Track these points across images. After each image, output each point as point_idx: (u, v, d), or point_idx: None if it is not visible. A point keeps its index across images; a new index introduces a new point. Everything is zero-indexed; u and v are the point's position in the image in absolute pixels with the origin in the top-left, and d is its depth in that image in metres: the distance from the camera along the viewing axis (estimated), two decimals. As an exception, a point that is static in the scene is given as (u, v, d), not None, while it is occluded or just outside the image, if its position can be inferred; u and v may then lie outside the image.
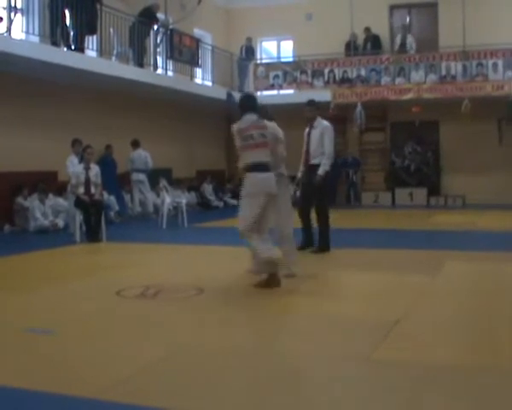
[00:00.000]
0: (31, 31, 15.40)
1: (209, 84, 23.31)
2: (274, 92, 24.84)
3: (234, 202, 23.93)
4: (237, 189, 24.22)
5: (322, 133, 11.12)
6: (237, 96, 23.19)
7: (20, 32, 15.29)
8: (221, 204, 23.33)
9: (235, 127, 8.21)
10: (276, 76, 24.57)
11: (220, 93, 22.73)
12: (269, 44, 27.57)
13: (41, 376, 4.88)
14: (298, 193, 11.28)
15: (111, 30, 17.68)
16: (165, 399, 4.35)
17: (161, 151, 20.31)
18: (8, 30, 14.45)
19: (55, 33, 15.59)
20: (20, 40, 14.93)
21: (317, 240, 11.22)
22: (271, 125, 8.56)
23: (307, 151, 11.28)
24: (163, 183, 17.90)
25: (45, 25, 15.69)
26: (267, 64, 25.55)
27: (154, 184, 18.70)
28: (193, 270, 9.76)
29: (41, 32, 15.70)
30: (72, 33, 16.08)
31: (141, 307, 7.26)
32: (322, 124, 11.26)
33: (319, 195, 11.16)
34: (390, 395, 4.43)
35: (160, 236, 14.62)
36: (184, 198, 17.94)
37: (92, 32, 16.76)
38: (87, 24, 16.31)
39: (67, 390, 4.50)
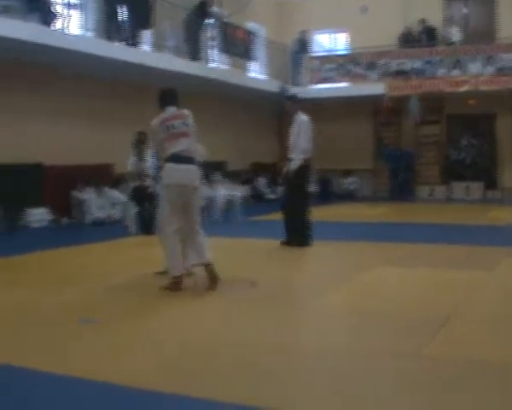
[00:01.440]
0: (87, 26, 15.61)
1: (262, 77, 23.32)
2: (327, 85, 24.74)
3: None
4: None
5: (298, 128, 11.11)
6: (291, 89, 23.27)
7: (77, 27, 15.50)
8: (275, 197, 23.32)
9: (154, 121, 8.01)
10: (330, 69, 24.47)
11: (273, 86, 22.72)
12: (323, 37, 27.45)
13: (77, 362, 5.01)
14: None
15: (165, 24, 17.78)
16: (207, 389, 4.39)
17: (215, 144, 20.34)
18: (65, 26, 14.67)
19: (110, 28, 15.77)
20: (77, 36, 15.13)
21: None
22: (189, 113, 8.33)
23: (287, 145, 11.31)
24: (217, 176, 17.99)
25: (101, 20, 15.89)
26: (321, 57, 25.46)
27: (208, 178, 18.76)
28: (246, 263, 9.77)
29: (96, 27, 15.90)
30: (127, 28, 16.24)
31: (190, 299, 7.31)
32: (300, 119, 11.21)
33: (293, 189, 11.15)
34: (441, 391, 4.40)
35: (213, 229, 14.64)
36: (238, 191, 17.98)
37: (147, 26, 16.89)
38: (142, 18, 16.46)
39: (98, 377, 4.61)
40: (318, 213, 18.00)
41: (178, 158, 7.74)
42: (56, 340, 5.67)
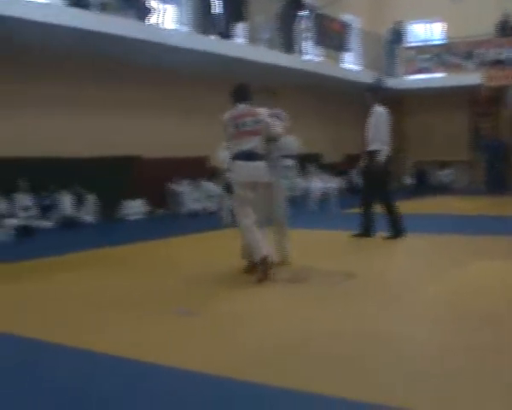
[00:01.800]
0: (182, 21, 15.81)
1: (357, 68, 23.15)
2: (423, 76, 24.40)
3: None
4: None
5: (377, 120, 11.00)
6: (386, 80, 23.04)
7: (172, 22, 15.71)
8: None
9: (226, 116, 8.12)
10: (425, 59, 24.14)
11: (368, 77, 22.51)
12: (418, 27, 27.04)
13: (182, 355, 5.00)
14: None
15: (259, 17, 17.84)
16: (304, 381, 4.32)
17: (310, 136, 20.30)
18: (161, 21, 14.89)
19: (204, 22, 15.92)
20: (172, 30, 15.33)
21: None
22: (262, 111, 8.38)
23: (366, 138, 11.18)
24: (312, 168, 17.97)
25: (195, 14, 16.06)
26: (416, 47, 25.13)
27: (303, 170, 18.79)
28: (343, 255, 9.71)
29: (191, 21, 16.08)
30: (221, 22, 16.37)
31: (289, 291, 7.30)
32: (378, 110, 11.10)
33: (380, 181, 11.02)
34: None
35: (309, 221, 14.63)
36: (333, 183, 17.91)
37: (241, 19, 16.98)
38: (236, 12, 16.56)
39: (205, 368, 4.58)
40: (413, 206, 17.88)
41: (246, 156, 7.83)
42: (152, 330, 5.73)
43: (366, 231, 11.12)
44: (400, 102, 25.23)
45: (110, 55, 14.59)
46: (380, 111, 11.10)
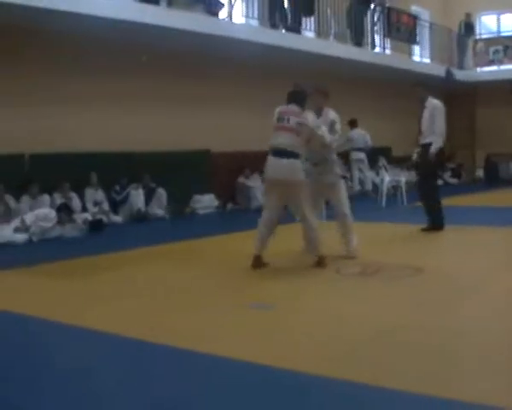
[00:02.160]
0: (250, 15, 15.79)
1: (427, 61, 22.87)
2: (494, 68, 24.01)
3: (454, 180, 23.45)
4: (458, 167, 23.74)
5: (432, 113, 10.91)
6: (457, 73, 22.71)
7: (241, 16, 15.70)
8: (440, 183, 22.84)
9: (276, 108, 8.23)
10: (497, 51, 23.77)
11: (439, 70, 22.23)
12: (488, 19, 26.54)
13: (261, 349, 4.95)
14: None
15: (328, 10, 17.73)
16: (378, 376, 4.24)
17: (380, 130, 20.14)
18: (230, 15, 14.89)
19: (273, 16, 15.88)
20: (241, 24, 15.33)
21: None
22: (310, 119, 8.27)
23: (419, 131, 11.14)
24: (382, 161, 17.79)
25: (264, 8, 16.03)
26: (487, 39, 24.76)
27: (373, 163, 18.67)
28: (412, 249, 9.58)
29: (260, 15, 16.05)
30: (290, 15, 16.31)
31: (359, 285, 7.22)
32: (432, 103, 11.03)
33: (427, 172, 11.09)
34: None
35: (378, 215, 14.50)
36: (403, 177, 17.69)
37: (310, 13, 16.90)
38: (305, 5, 16.49)
39: (279, 363, 4.53)
40: (483, 199, 17.60)
41: (275, 152, 7.95)
42: (226, 325, 5.71)
43: (435, 223, 10.99)
44: (471, 95, 24.84)
45: (179, 51, 14.64)
46: (435, 103, 11.08)
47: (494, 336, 5.13)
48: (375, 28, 19.92)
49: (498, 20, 26.26)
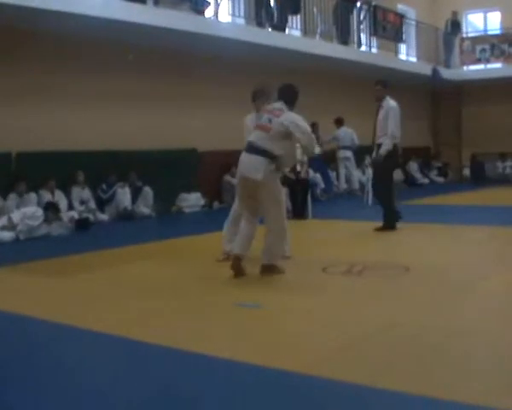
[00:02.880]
0: (236, 13, 15.82)
1: (414, 59, 22.95)
2: (481, 66, 24.13)
3: (440, 179, 23.55)
4: (444, 166, 23.82)
5: (387, 113, 11.02)
6: (443, 71, 22.79)
7: (227, 14, 15.73)
8: (427, 181, 23.00)
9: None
10: (483, 50, 23.84)
11: (425, 69, 22.32)
12: (475, 17, 26.63)
13: (246, 348, 4.96)
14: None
15: (314, 9, 17.78)
16: (370, 376, 4.23)
17: (366, 128, 20.11)
18: (216, 14, 14.91)
19: (259, 14, 15.91)
20: (227, 23, 15.36)
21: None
22: (290, 117, 7.66)
23: (374, 131, 11.23)
24: (368, 160, 17.82)
25: (250, 7, 16.06)
26: (473, 38, 24.82)
27: (359, 162, 18.74)
28: (398, 248, 9.63)
29: (246, 14, 16.08)
30: (276, 14, 16.35)
31: (347, 284, 7.23)
32: (388, 104, 11.15)
33: (380, 173, 11.14)
34: None
35: (365, 213, 14.54)
36: (389, 175, 17.73)
37: (296, 11, 16.94)
38: (291, 4, 16.52)
39: (272, 363, 4.52)
40: (470, 197, 17.69)
41: (248, 147, 7.67)
42: (214, 322, 5.74)
43: (386, 223, 11.07)
44: (458, 94, 24.94)
45: (165, 49, 14.67)
46: (391, 104, 11.18)
47: (487, 335, 5.14)
48: (362, 27, 19.97)
49: (485, 18, 26.34)
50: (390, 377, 4.21)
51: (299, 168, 13.55)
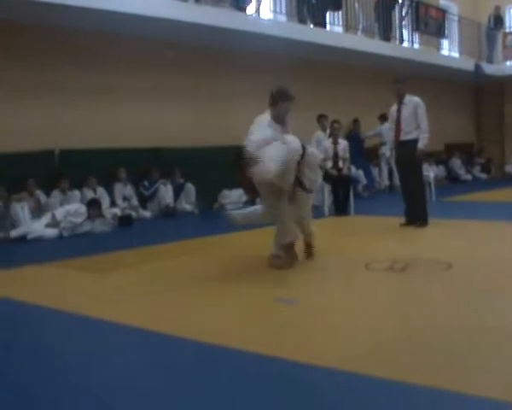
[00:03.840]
0: (278, 10, 15.80)
1: (456, 55, 22.74)
2: (524, 61, 23.85)
3: (483, 175, 23.31)
4: (487, 162, 23.57)
5: (414, 109, 10.92)
6: (486, 67, 22.55)
7: (269, 11, 15.72)
8: (470, 178, 22.78)
9: None
10: (526, 44, 23.57)
11: (468, 64, 22.11)
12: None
13: (283, 344, 4.95)
14: None
15: (356, 5, 17.71)
16: (407, 373, 4.19)
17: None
18: (257, 10, 14.91)
19: (301, 11, 15.89)
20: (269, 20, 15.34)
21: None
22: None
23: (398, 128, 11.03)
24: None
25: (292, 3, 16.04)
26: (516, 33, 24.55)
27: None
28: (441, 244, 9.51)
29: (288, 10, 16.06)
30: (318, 10, 16.32)
31: (389, 281, 7.19)
32: (414, 100, 11.07)
33: (414, 169, 11.01)
34: None
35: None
36: (432, 172, 17.63)
37: (337, 7, 16.89)
38: (332, 0, 16.48)
39: (308, 359, 4.49)
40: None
41: None
42: (251, 318, 5.75)
43: (422, 219, 11.04)
44: (500, 89, 24.67)
45: (207, 47, 14.71)
46: (416, 101, 11.09)
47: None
48: (403, 22, 19.84)
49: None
50: (424, 375, 4.16)
51: (341, 165, 13.51)
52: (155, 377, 4.32)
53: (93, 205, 11.95)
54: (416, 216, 11.03)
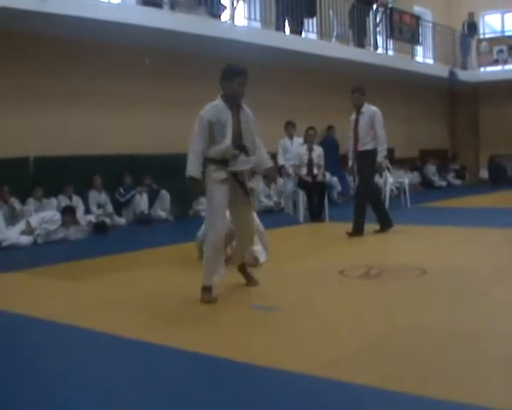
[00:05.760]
0: (253, 17, 15.83)
1: (430, 62, 22.89)
2: (498, 68, 24.02)
3: (458, 181, 23.46)
4: (461, 168, 23.70)
5: (371, 119, 10.94)
6: (460, 73, 22.72)
7: (243, 18, 15.75)
8: (444, 184, 22.92)
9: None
10: (501, 51, 23.79)
11: (442, 71, 22.27)
12: (492, 18, 26.50)
13: (262, 351, 4.97)
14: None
15: (330, 12, 17.78)
16: (383, 379, 4.22)
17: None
18: (232, 17, 14.94)
19: (278, 18, 15.94)
20: (243, 27, 15.37)
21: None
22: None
23: (356, 138, 11.01)
24: (385, 163, 17.79)
25: (266, 10, 16.09)
26: (490, 39, 24.75)
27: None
28: (415, 251, 9.56)
29: (262, 17, 16.10)
30: (292, 17, 16.36)
31: (364, 287, 7.21)
32: (371, 109, 11.09)
33: (366, 178, 11.00)
34: None
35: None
36: (407, 178, 17.74)
37: (312, 14, 16.95)
38: (306, 7, 16.53)
39: (287, 366, 4.50)
40: (487, 200, 17.60)
41: None
42: (228, 325, 5.78)
43: (384, 224, 11.12)
44: (475, 95, 24.85)
45: (181, 54, 14.70)
46: (375, 110, 11.16)
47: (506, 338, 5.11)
48: (378, 29, 19.95)
49: (502, 19, 26.20)
50: (402, 381, 4.18)
51: (316, 171, 13.55)
52: (134, 385, 4.33)
53: (68, 212, 11.91)
54: (381, 223, 11.08)
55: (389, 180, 16.41)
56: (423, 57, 22.88)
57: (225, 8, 14.66)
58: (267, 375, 4.44)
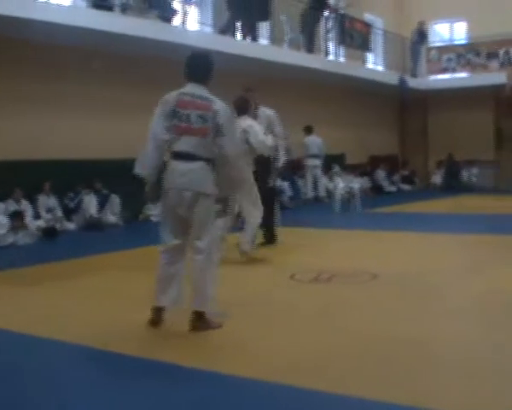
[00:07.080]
0: (204, 21, 15.82)
1: (381, 68, 23.10)
2: (447, 76, 24.34)
3: (407, 187, 23.68)
4: (411, 174, 23.92)
5: (268, 123, 10.32)
6: (410, 80, 22.95)
7: (195, 23, 15.72)
8: (394, 189, 23.12)
9: (166, 96, 6.17)
10: (449, 59, 24.15)
11: (392, 78, 22.47)
12: (441, 27, 26.86)
13: (216, 357, 4.99)
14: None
15: (283, 17, 17.83)
16: (335, 384, 4.26)
17: (333, 137, 20.26)
18: (183, 22, 14.90)
19: (231, 24, 15.94)
20: (195, 31, 15.34)
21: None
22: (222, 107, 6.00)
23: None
24: (336, 168, 17.91)
25: (218, 15, 16.08)
26: (440, 47, 25.09)
27: (326, 170, 18.83)
28: (366, 255, 9.65)
29: (214, 22, 16.09)
30: (244, 22, 16.37)
31: (315, 292, 7.24)
32: (267, 113, 10.52)
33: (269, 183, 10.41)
34: None
35: (332, 221, 14.58)
36: (357, 183, 17.85)
37: (265, 18, 16.95)
38: (260, 11, 16.53)
39: (242, 372, 4.53)
40: (436, 205, 17.80)
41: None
42: (182, 333, 5.71)
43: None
44: (424, 103, 25.13)
45: (133, 57, 14.61)
46: (270, 114, 10.58)
47: (463, 344, 5.19)
48: (329, 35, 20.04)
49: (451, 28, 26.59)
50: (354, 385, 4.22)
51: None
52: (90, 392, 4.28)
53: (16, 217, 11.75)
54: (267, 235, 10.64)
55: (340, 185, 16.52)
56: (374, 64, 23.07)
57: (177, 12, 14.61)
58: (213, 381, 4.44)
